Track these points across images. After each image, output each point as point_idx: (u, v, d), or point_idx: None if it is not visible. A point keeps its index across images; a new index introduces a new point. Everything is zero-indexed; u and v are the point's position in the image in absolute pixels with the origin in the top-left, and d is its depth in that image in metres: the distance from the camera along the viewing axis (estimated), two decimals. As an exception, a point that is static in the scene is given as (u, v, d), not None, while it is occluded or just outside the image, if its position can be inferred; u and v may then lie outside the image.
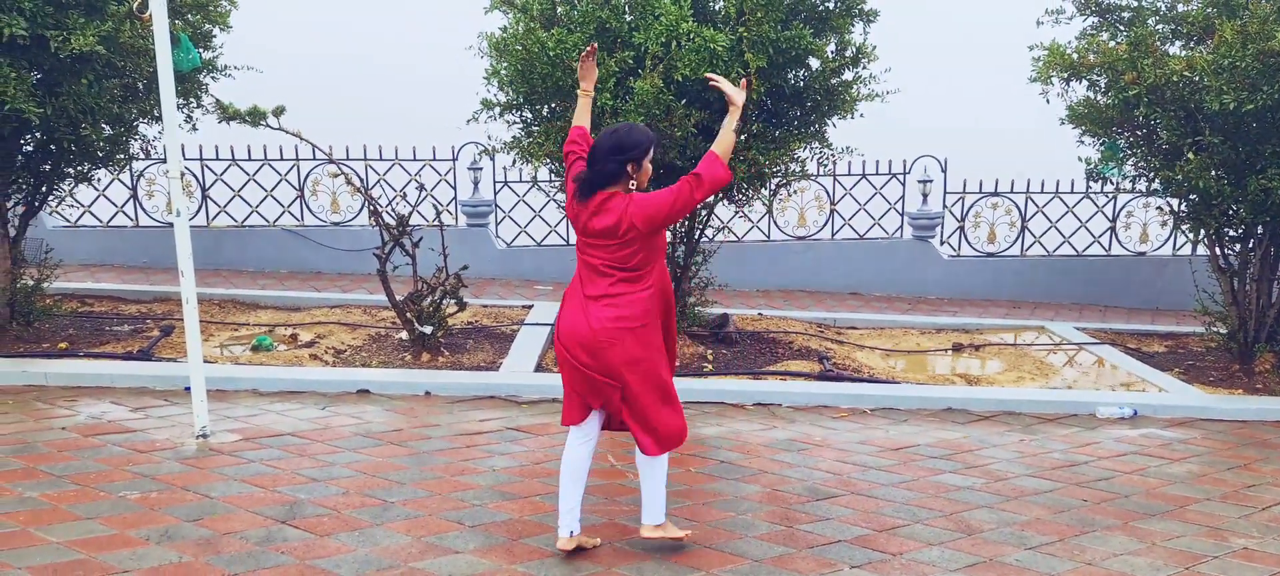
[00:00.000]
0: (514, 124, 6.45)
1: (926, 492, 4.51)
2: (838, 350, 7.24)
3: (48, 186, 6.31)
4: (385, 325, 7.16)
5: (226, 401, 5.39)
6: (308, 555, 3.57)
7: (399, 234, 6.32)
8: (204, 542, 3.63)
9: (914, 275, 9.90)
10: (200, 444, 4.68)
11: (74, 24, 5.25)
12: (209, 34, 6.47)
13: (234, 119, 6.15)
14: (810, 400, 5.96)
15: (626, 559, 3.67)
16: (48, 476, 4.18)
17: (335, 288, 8.68)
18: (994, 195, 9.88)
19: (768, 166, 6.15)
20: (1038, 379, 6.82)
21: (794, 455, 4.97)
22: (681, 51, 5.63)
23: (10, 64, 5.15)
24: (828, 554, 3.79)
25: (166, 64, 4.44)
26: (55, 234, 8.96)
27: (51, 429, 4.81)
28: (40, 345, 6.13)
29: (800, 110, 6.48)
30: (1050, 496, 4.54)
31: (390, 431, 5.04)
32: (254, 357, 6.32)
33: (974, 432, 5.53)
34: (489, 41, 6.17)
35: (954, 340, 7.81)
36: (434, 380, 5.85)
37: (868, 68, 6.34)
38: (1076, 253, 10.04)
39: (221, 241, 9.38)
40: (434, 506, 4.08)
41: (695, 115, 5.87)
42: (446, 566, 3.53)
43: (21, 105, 5.15)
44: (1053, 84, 7.01)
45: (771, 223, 9.77)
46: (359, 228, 9.39)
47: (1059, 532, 4.11)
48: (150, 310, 7.41)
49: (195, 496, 4.06)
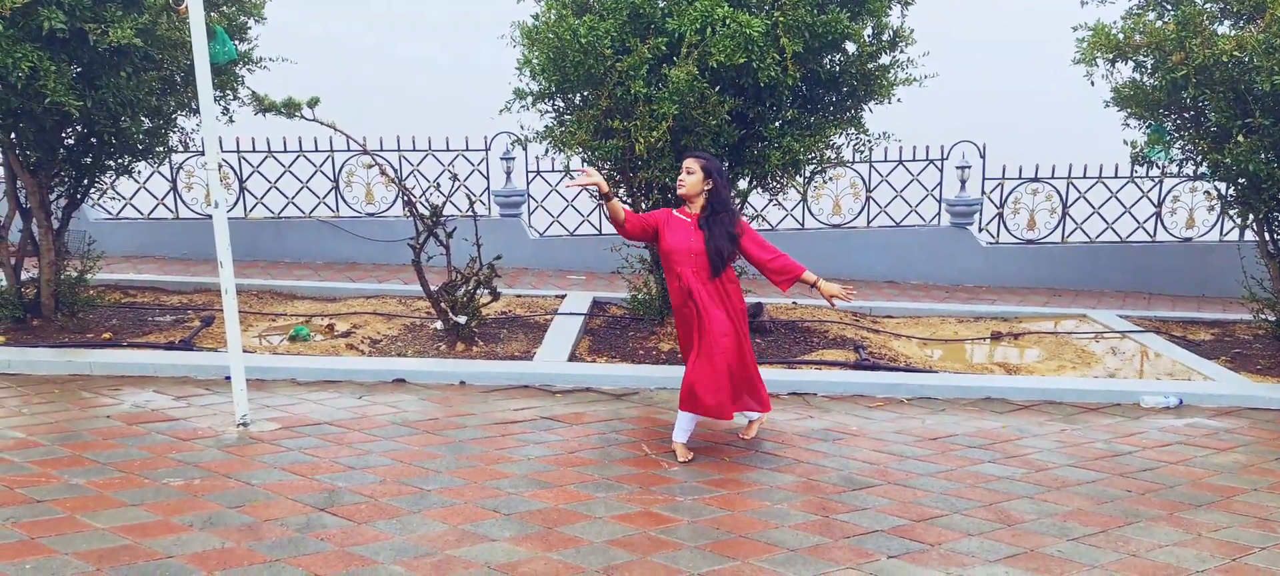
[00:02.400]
0: (546, 113, 6.44)
1: (965, 483, 4.44)
2: (873, 339, 7.16)
3: (89, 179, 6.42)
4: (420, 315, 7.21)
5: (266, 390, 5.46)
6: (346, 542, 3.60)
7: (433, 224, 6.35)
8: (246, 529, 3.67)
9: (951, 263, 9.76)
10: (241, 432, 4.75)
11: (112, 17, 5.32)
12: (244, 26, 6.53)
13: (269, 111, 6.20)
14: (846, 389, 5.90)
15: (662, 547, 3.65)
16: (93, 464, 4.27)
17: (371, 278, 8.76)
18: (1034, 181, 9.70)
19: (803, 153, 6.08)
20: (1079, 368, 6.69)
21: (830, 445, 4.92)
22: (716, 37, 5.57)
23: (50, 57, 5.24)
24: (865, 544, 3.74)
25: (203, 56, 4.49)
26: (98, 226, 9.14)
27: (97, 417, 4.90)
28: (84, 335, 6.25)
29: (836, 95, 6.39)
30: (1093, 487, 4.45)
31: (426, 420, 5.07)
32: (292, 347, 6.40)
33: (1014, 422, 5.43)
34: (521, 30, 6.16)
35: (992, 328, 7.68)
36: (469, 370, 5.88)
37: (905, 52, 6.25)
38: (1120, 239, 9.83)
39: (259, 232, 9.50)
40: (470, 494, 4.10)
41: (729, 102, 5.81)
42: (483, 554, 3.54)
43: (62, 98, 5.23)
44: (1097, 66, 6.85)
45: (806, 210, 9.68)
46: (393, 218, 9.46)
47: (1102, 524, 4.03)
48: (191, 301, 7.53)
49: (237, 483, 4.12)
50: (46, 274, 6.28)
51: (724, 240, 4.53)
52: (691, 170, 4.60)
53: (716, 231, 4.54)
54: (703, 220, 4.58)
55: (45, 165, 6.09)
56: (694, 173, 4.59)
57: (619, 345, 6.59)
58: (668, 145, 5.81)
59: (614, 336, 6.82)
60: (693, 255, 4.55)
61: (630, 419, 5.24)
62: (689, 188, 4.59)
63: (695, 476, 4.41)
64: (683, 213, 4.66)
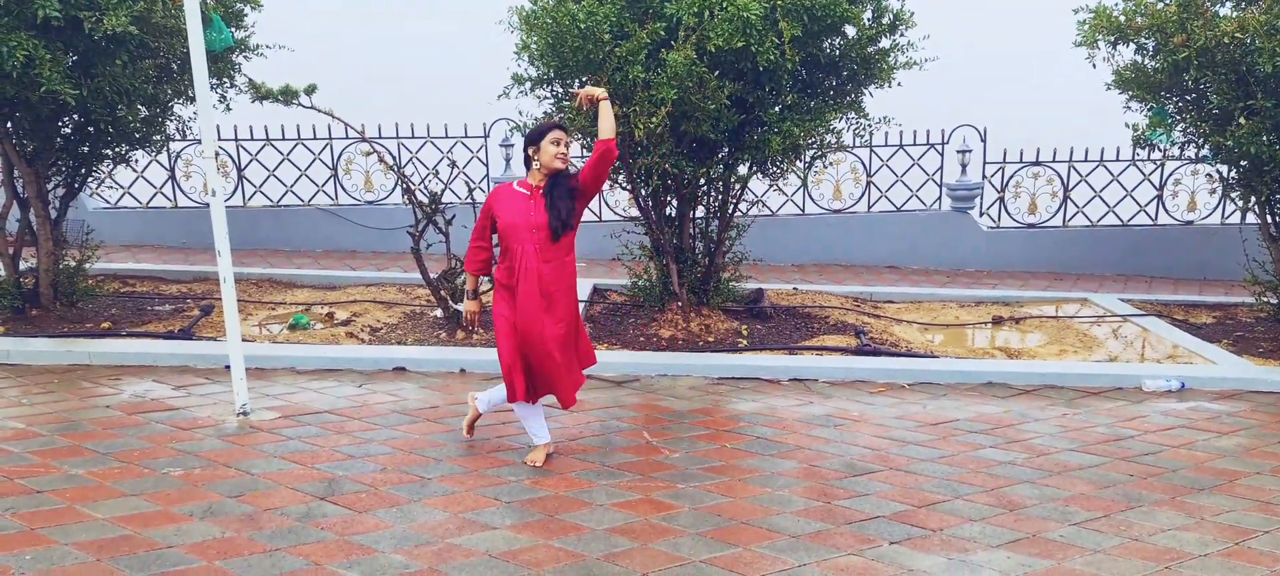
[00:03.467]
0: (545, 99, 6.40)
1: (967, 468, 4.44)
2: (874, 324, 7.14)
3: (86, 168, 6.39)
4: (420, 303, 7.19)
5: (266, 379, 5.45)
6: (347, 531, 3.60)
7: (432, 212, 6.33)
8: (246, 518, 3.67)
9: (952, 247, 9.73)
10: (241, 421, 4.74)
11: (107, 4, 5.29)
12: (240, 13, 6.49)
13: (267, 98, 6.18)
14: (847, 375, 5.88)
15: (663, 533, 3.65)
16: (93, 453, 4.26)
17: (370, 266, 8.74)
18: (1035, 164, 9.65)
19: (802, 138, 6.04)
20: (1081, 352, 6.67)
21: (831, 431, 4.91)
22: (715, 21, 5.53)
23: (45, 46, 5.20)
24: (867, 530, 3.74)
25: (199, 43, 4.45)
26: (96, 215, 9.11)
27: (96, 407, 4.89)
28: (84, 325, 6.24)
29: (836, 80, 6.35)
30: (1095, 471, 4.44)
31: (426, 408, 5.06)
32: (292, 336, 6.38)
33: (1015, 407, 5.42)
34: (519, 15, 6.12)
35: (994, 313, 7.66)
36: (469, 357, 5.86)
37: (905, 35, 6.20)
38: (1121, 222, 9.79)
39: (257, 221, 9.47)
40: (471, 483, 4.09)
41: (729, 87, 5.77)
42: (484, 542, 3.54)
43: (58, 87, 5.20)
44: (1099, 48, 6.81)
45: (806, 196, 9.65)
46: (392, 206, 9.42)
47: (1104, 508, 4.02)
48: (190, 290, 7.51)
49: (237, 473, 4.11)
50: (45, 264, 6.26)
51: (566, 203, 4.25)
52: (567, 140, 4.32)
53: (558, 198, 4.24)
54: (546, 189, 4.26)
55: (42, 154, 6.06)
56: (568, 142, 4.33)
57: (619, 332, 6.58)
58: (667, 130, 5.78)
59: (614, 323, 6.81)
60: (533, 229, 4.22)
61: (630, 406, 5.24)
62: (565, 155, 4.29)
63: (696, 463, 4.40)
64: (523, 186, 4.32)
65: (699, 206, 6.79)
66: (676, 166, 6.00)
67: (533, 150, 4.29)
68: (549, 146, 4.24)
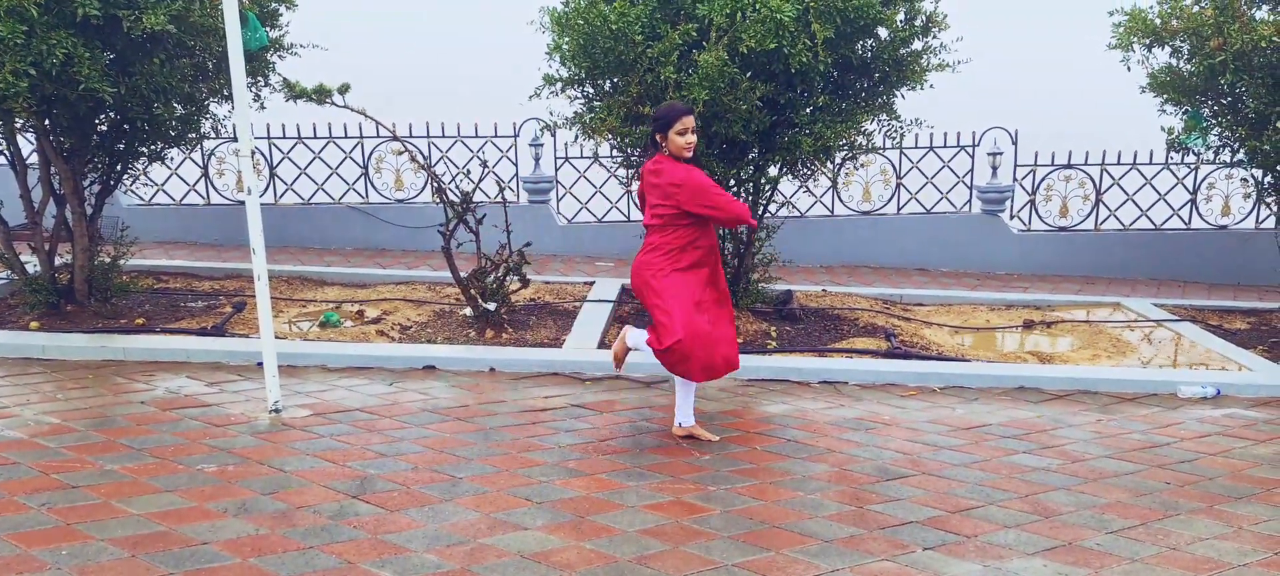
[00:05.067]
0: (576, 99, 6.41)
1: (1000, 473, 4.39)
2: (904, 327, 7.09)
3: (122, 165, 6.47)
4: (449, 301, 7.23)
5: (297, 377, 5.49)
6: (379, 530, 3.61)
7: (463, 211, 6.35)
8: (279, 516, 3.70)
9: (982, 250, 9.64)
10: (273, 418, 4.78)
11: (145, 3, 5.35)
12: (275, 12, 6.55)
13: (300, 97, 6.22)
14: (877, 378, 5.84)
15: (695, 536, 3.64)
16: (128, 449, 4.31)
17: (400, 264, 8.79)
18: (1067, 167, 9.54)
19: (834, 140, 6.01)
20: (1114, 357, 6.58)
21: (862, 434, 4.88)
22: (747, 23, 5.51)
23: (84, 44, 5.27)
24: (900, 535, 3.71)
25: (236, 43, 4.50)
26: (131, 212, 9.24)
27: (130, 403, 4.95)
28: (118, 321, 6.32)
29: (868, 81, 6.31)
30: (1131, 478, 4.38)
31: (457, 407, 5.08)
32: (323, 333, 6.43)
33: (1048, 412, 5.36)
34: (551, 16, 6.13)
35: (1025, 317, 7.58)
36: (498, 356, 5.88)
37: (938, 37, 6.15)
38: (1154, 226, 9.65)
39: (289, 219, 9.56)
40: (502, 483, 4.10)
41: (760, 88, 5.75)
42: (515, 543, 3.54)
43: (96, 85, 5.27)
44: (1133, 51, 6.72)
45: (835, 197, 9.60)
46: (422, 204, 9.48)
47: (1141, 516, 3.96)
48: (222, 286, 7.59)
49: (270, 470, 4.14)
50: (80, 260, 6.35)
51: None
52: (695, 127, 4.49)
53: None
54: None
55: (79, 152, 6.14)
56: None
57: (647, 332, 6.57)
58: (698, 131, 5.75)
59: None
60: None
61: (661, 407, 5.23)
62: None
63: (726, 465, 4.39)
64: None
65: (728, 208, 6.76)
66: (707, 168, 5.97)
67: (661, 136, 4.39)
68: (676, 137, 4.35)
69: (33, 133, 6.10)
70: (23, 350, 5.68)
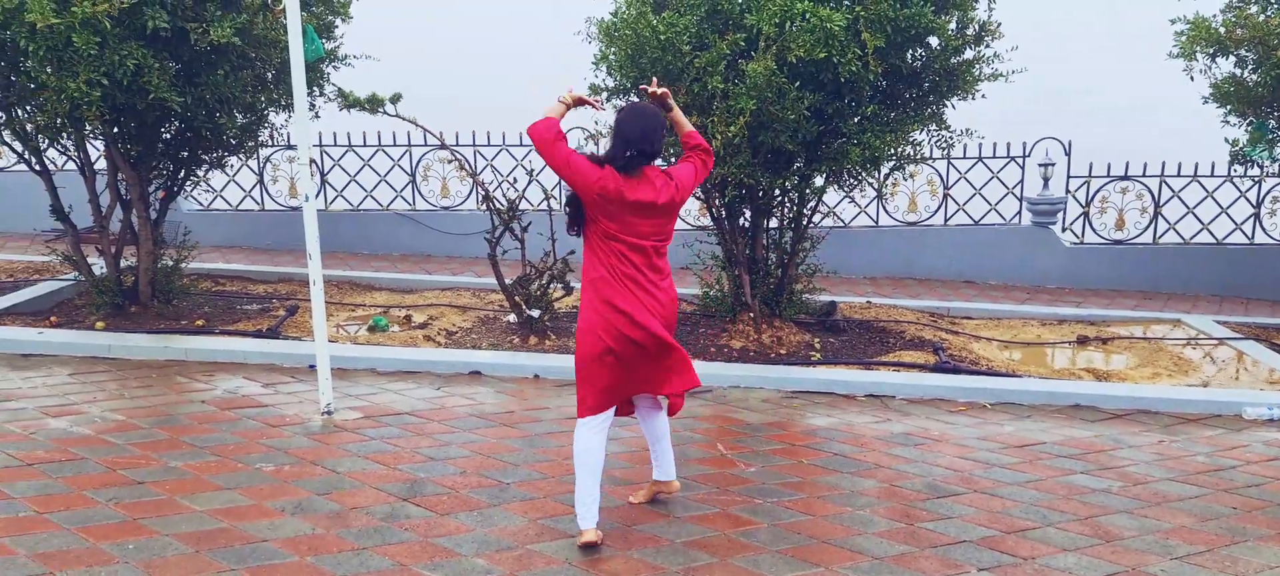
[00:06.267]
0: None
1: (1057, 494, 4.30)
2: (952, 340, 6.98)
3: (185, 172, 6.66)
4: (493, 308, 7.29)
5: (347, 379, 5.59)
6: (430, 533, 3.66)
7: (509, 219, 6.42)
8: (334, 516, 3.77)
9: (1033, 263, 9.47)
10: (325, 420, 4.87)
11: (212, 16, 5.51)
12: (331, 24, 6.69)
13: (354, 106, 6.34)
14: (925, 392, 5.76)
15: (742, 549, 3.62)
16: (190, 447, 4.42)
17: (445, 270, 8.90)
18: (1123, 179, 9.33)
19: (883, 150, 5.95)
20: (1175, 375, 6.41)
21: (911, 449, 4.81)
22: (796, 32, 5.49)
23: (154, 55, 5.44)
24: (953, 554, 3.65)
25: (298, 54, 4.60)
26: (191, 217, 9.48)
27: (192, 402, 5.09)
28: (179, 322, 6.49)
29: (917, 91, 6.24)
30: (1195, 502, 4.26)
31: (503, 413, 5.13)
32: (372, 337, 6.54)
33: (1106, 432, 5.23)
34: (599, 27, 6.17)
35: (1078, 332, 7.42)
36: (542, 363, 5.92)
37: (991, 46, 6.06)
38: (1216, 241, 9.39)
39: (338, 224, 9.74)
40: (548, 489, 4.12)
41: (808, 98, 5.72)
42: (563, 551, 3.56)
43: (165, 94, 5.44)
44: (1196, 60, 6.57)
45: (879, 207, 9.50)
46: (467, 212, 9.60)
47: (1207, 542, 3.85)
48: (275, 290, 7.76)
49: (323, 471, 4.22)
50: (145, 262, 6.54)
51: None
52: None
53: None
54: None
55: (145, 159, 6.33)
56: None
57: (690, 342, 6.56)
58: (744, 141, 5.76)
59: (684, 333, 6.79)
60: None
61: (704, 417, 5.22)
62: None
63: (773, 478, 4.36)
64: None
65: (773, 217, 6.74)
66: (753, 177, 5.96)
67: None
68: None
69: (102, 140, 6.30)
70: (90, 349, 5.87)
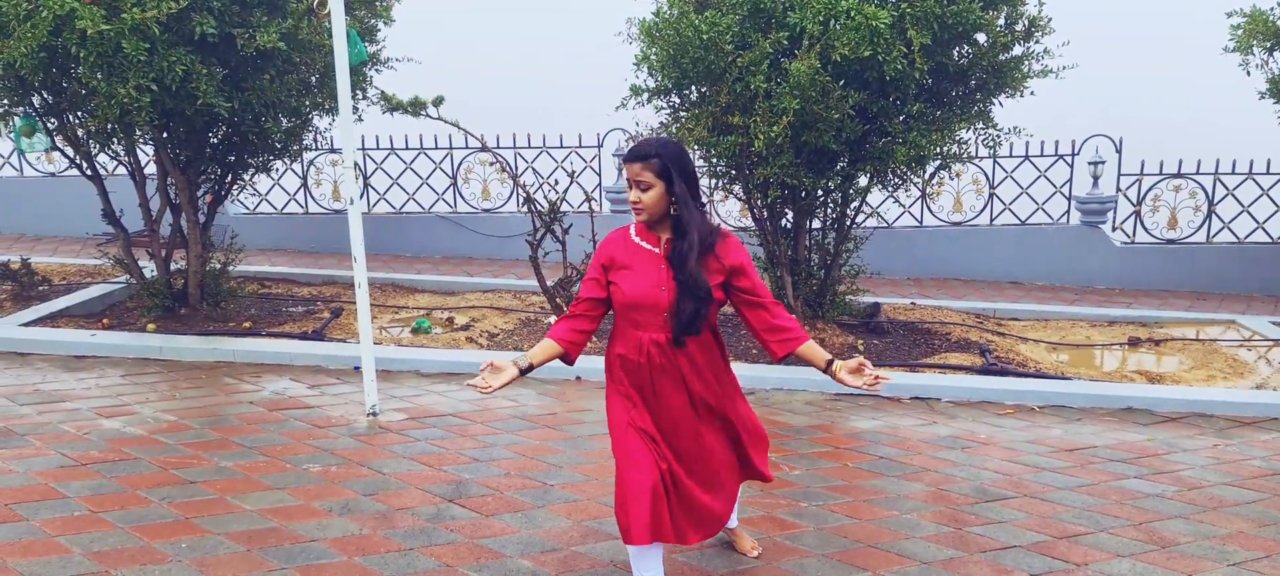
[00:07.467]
0: (662, 109, 6.42)
1: (1109, 499, 4.19)
2: (999, 342, 6.86)
3: (233, 175, 6.78)
4: (534, 310, 7.32)
5: (392, 381, 5.64)
6: (475, 534, 3.67)
7: (550, 221, 6.44)
8: (380, 517, 3.80)
9: (1081, 263, 9.27)
10: (371, 422, 4.92)
11: (258, 22, 5.60)
12: (373, 28, 6.77)
13: (397, 109, 6.42)
14: (972, 395, 5.67)
15: (788, 553, 3.58)
16: (239, 447, 4.50)
17: (486, 272, 8.96)
18: (1176, 177, 9.10)
19: (929, 149, 5.87)
20: (1230, 378, 6.23)
21: (958, 453, 4.73)
22: (840, 30, 5.43)
23: (201, 61, 5.54)
24: (1003, 559, 3.58)
25: (343, 59, 4.66)
26: (237, 220, 9.66)
27: (240, 402, 5.17)
28: (227, 324, 6.60)
29: (964, 89, 6.14)
30: (1254, 508, 4.13)
31: (545, 415, 5.14)
32: (415, 339, 6.59)
33: (1160, 435, 5.10)
34: (640, 27, 6.16)
35: (1129, 333, 7.25)
36: (584, 366, 5.87)
37: (1041, 42, 5.94)
38: (1272, 240, 9.12)
39: (380, 227, 9.85)
40: (591, 491, 4.12)
41: (853, 96, 5.66)
42: (608, 552, 3.55)
43: (212, 99, 5.53)
44: (1253, 54, 6.39)
45: (924, 207, 9.37)
46: (508, 214, 9.65)
47: (1266, 548, 3.73)
48: (320, 292, 7.86)
49: (370, 472, 4.26)
50: (193, 265, 6.66)
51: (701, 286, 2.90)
52: (644, 180, 2.88)
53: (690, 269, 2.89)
54: (673, 252, 2.94)
55: (194, 163, 6.46)
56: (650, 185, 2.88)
57: (731, 344, 6.52)
58: (787, 141, 5.71)
59: (725, 334, 6.76)
60: (657, 309, 2.94)
61: (748, 419, 5.17)
62: (647, 205, 2.90)
63: (817, 481, 4.31)
64: (641, 235, 3.01)
65: (815, 218, 6.68)
66: (796, 177, 5.91)
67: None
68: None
69: (151, 144, 6.44)
70: (141, 351, 5.99)
